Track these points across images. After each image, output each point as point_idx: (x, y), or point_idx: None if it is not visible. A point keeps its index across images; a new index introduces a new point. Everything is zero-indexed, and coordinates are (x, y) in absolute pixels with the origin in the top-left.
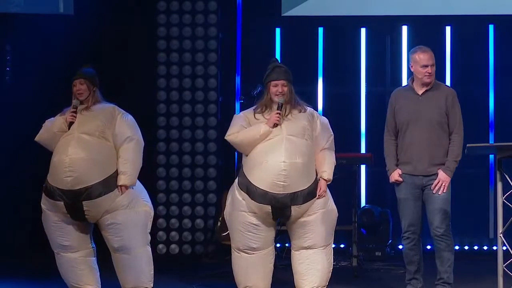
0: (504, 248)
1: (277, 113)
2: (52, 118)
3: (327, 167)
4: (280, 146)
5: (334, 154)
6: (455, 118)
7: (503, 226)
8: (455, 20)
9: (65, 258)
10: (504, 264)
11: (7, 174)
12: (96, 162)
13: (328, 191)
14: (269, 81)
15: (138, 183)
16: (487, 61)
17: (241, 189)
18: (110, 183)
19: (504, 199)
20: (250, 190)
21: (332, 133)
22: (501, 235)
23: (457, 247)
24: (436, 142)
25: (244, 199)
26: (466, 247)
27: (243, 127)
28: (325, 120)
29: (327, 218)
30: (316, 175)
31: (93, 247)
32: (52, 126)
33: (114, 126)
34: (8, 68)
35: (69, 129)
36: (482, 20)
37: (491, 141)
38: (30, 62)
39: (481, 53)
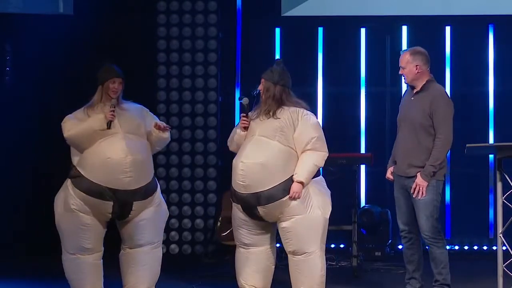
0: (504, 248)
1: (242, 117)
2: (71, 115)
3: (300, 169)
4: (244, 147)
5: (318, 156)
6: (438, 120)
7: (503, 226)
8: (455, 20)
9: (81, 260)
10: (503, 264)
11: (7, 174)
12: (147, 163)
13: (315, 197)
14: None
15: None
16: (487, 61)
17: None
18: (154, 183)
19: (504, 199)
20: (231, 189)
21: (318, 134)
22: (500, 235)
23: (457, 247)
24: (417, 144)
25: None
26: (466, 247)
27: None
28: (311, 120)
29: (308, 224)
30: (291, 177)
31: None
32: (89, 123)
33: (148, 124)
34: (8, 68)
35: (109, 127)
36: (482, 20)
37: (491, 141)
38: (30, 62)
39: (481, 53)
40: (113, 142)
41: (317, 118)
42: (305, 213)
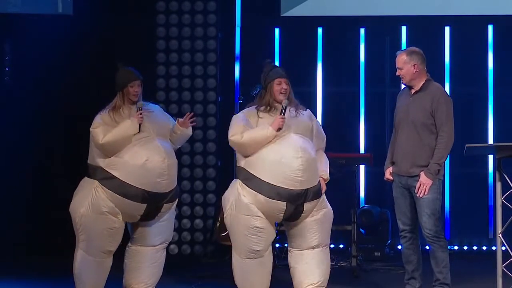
0: (503, 248)
1: (282, 118)
2: (99, 119)
3: (324, 167)
4: (293, 143)
5: (326, 156)
6: (440, 119)
7: (502, 226)
8: (455, 20)
9: (99, 263)
10: (503, 264)
11: (7, 174)
12: (176, 165)
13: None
14: (272, 80)
15: None
16: (486, 61)
17: (254, 190)
18: (178, 185)
19: (503, 199)
20: (263, 189)
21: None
22: (500, 235)
23: (456, 247)
24: (420, 143)
25: (252, 202)
26: (465, 247)
27: (246, 128)
28: (318, 121)
29: (329, 217)
30: None
31: None
32: (123, 129)
33: (171, 125)
34: (7, 68)
35: (139, 130)
36: (482, 20)
37: (491, 141)
38: (29, 62)
39: (481, 53)
40: (148, 144)
41: (316, 117)
42: (327, 206)
